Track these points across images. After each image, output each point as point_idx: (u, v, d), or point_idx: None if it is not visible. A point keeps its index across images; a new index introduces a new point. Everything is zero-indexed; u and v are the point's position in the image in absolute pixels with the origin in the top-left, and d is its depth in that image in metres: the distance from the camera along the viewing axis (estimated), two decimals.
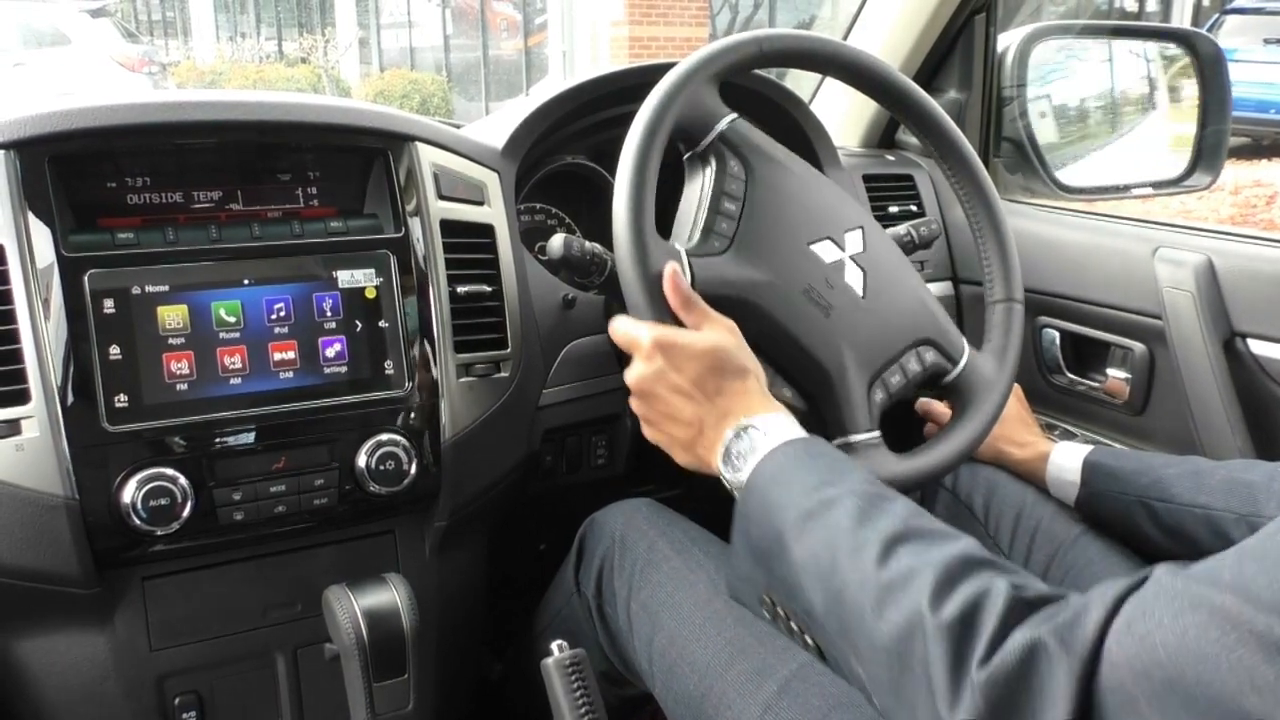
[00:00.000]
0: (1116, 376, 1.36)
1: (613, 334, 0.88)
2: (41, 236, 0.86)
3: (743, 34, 0.97)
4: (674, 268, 0.85)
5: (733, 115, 0.96)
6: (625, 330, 0.86)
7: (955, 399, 1.02)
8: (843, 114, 1.66)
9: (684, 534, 1.00)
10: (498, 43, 12.63)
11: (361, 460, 0.96)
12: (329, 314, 0.96)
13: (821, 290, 0.94)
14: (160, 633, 0.96)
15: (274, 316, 0.94)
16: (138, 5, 18.04)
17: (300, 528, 0.98)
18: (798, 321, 0.92)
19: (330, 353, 0.96)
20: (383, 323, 0.99)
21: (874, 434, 0.93)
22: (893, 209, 1.44)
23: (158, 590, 0.96)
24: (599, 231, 1.19)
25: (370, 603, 0.93)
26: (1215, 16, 10.25)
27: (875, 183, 1.43)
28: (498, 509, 1.14)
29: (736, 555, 0.77)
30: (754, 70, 1.01)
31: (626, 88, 1.19)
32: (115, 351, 0.88)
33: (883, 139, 1.68)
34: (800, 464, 0.75)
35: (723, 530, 0.82)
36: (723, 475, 0.80)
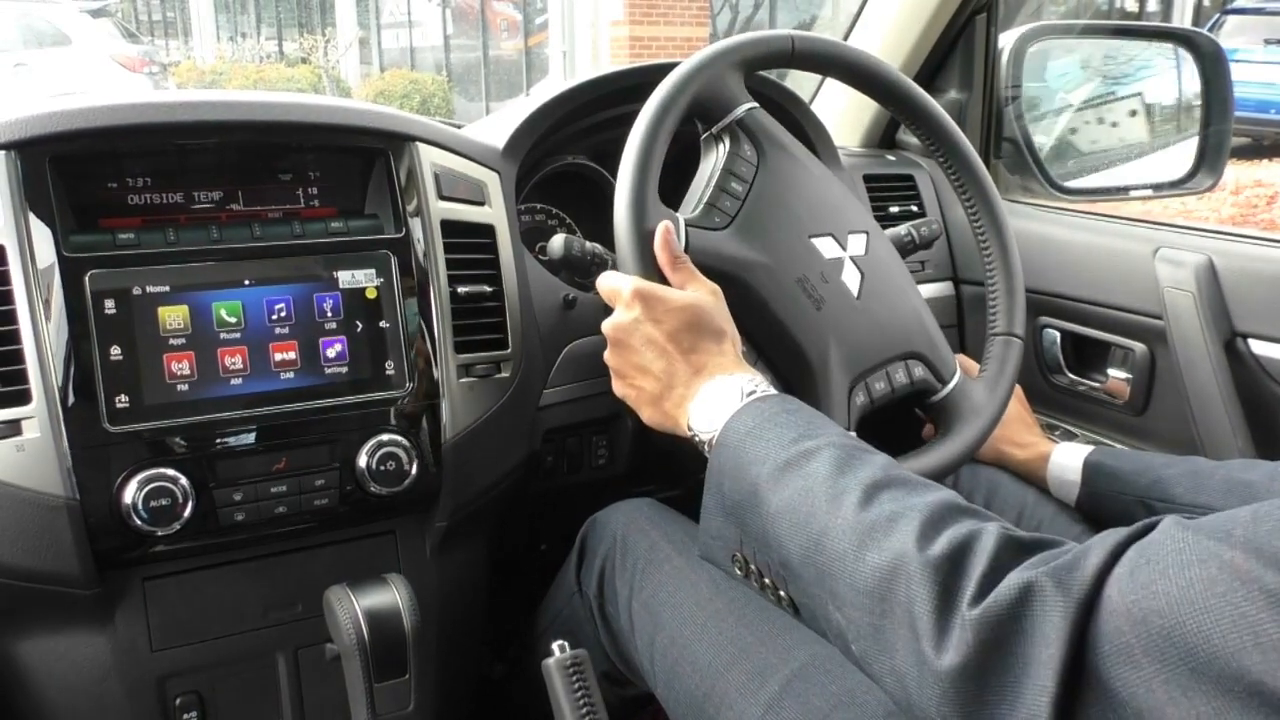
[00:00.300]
0: (1117, 377, 1.36)
1: (599, 285, 0.89)
2: (42, 237, 0.86)
3: (776, 30, 0.97)
4: (666, 225, 0.86)
5: (753, 103, 0.96)
6: (610, 281, 0.87)
7: (940, 420, 1.02)
8: (843, 114, 1.66)
9: (685, 534, 1.00)
10: (498, 43, 12.64)
11: (362, 460, 0.96)
12: (330, 314, 0.96)
13: (816, 283, 0.94)
14: (161, 633, 0.96)
15: (275, 317, 0.94)
16: (138, 5, 18.04)
17: (301, 528, 0.98)
18: (787, 309, 0.93)
19: (331, 353, 0.96)
20: (383, 323, 0.99)
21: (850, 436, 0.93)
22: (893, 209, 1.44)
23: (159, 591, 0.96)
24: (599, 232, 1.19)
25: (371, 603, 0.93)
26: (1216, 16, 10.25)
27: (876, 183, 1.44)
28: (499, 509, 1.14)
29: (708, 512, 0.76)
30: (779, 67, 1.01)
31: (627, 88, 1.19)
32: (116, 352, 0.88)
33: (883, 139, 1.68)
34: (776, 419, 0.74)
35: None
36: (691, 430, 0.80)
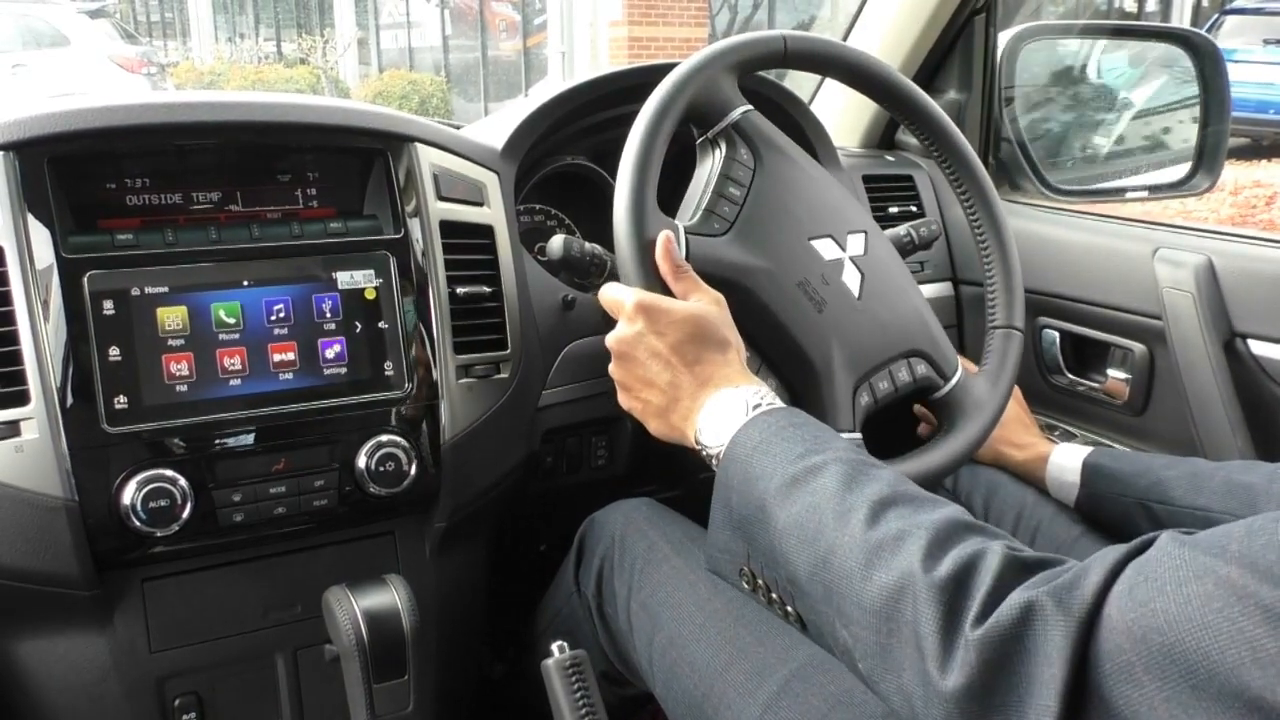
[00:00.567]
0: (1116, 377, 1.36)
1: (600, 297, 0.89)
2: (41, 238, 0.86)
3: (768, 31, 0.97)
4: (667, 235, 0.86)
5: (748, 106, 0.96)
6: (611, 293, 0.87)
7: (943, 416, 1.02)
8: (842, 114, 1.66)
9: (684, 534, 1.00)
10: (497, 43, 12.64)
11: (361, 461, 0.96)
12: (329, 315, 0.96)
13: (817, 285, 0.94)
14: (160, 634, 0.96)
15: (274, 318, 0.94)
16: (136, 6, 18.04)
17: (300, 529, 0.98)
18: (789, 312, 0.93)
19: (330, 354, 0.96)
20: (382, 324, 0.98)
21: (855, 436, 0.93)
22: (893, 209, 1.44)
23: (158, 592, 0.96)
24: (599, 232, 1.19)
25: (370, 604, 0.93)
26: (1215, 16, 10.26)
27: (875, 183, 1.44)
28: (498, 510, 1.14)
29: (715, 526, 0.76)
30: (773, 68, 1.01)
31: (626, 88, 1.19)
32: (115, 353, 0.88)
33: (882, 139, 1.68)
34: (782, 433, 0.74)
35: None
36: (698, 444, 0.79)
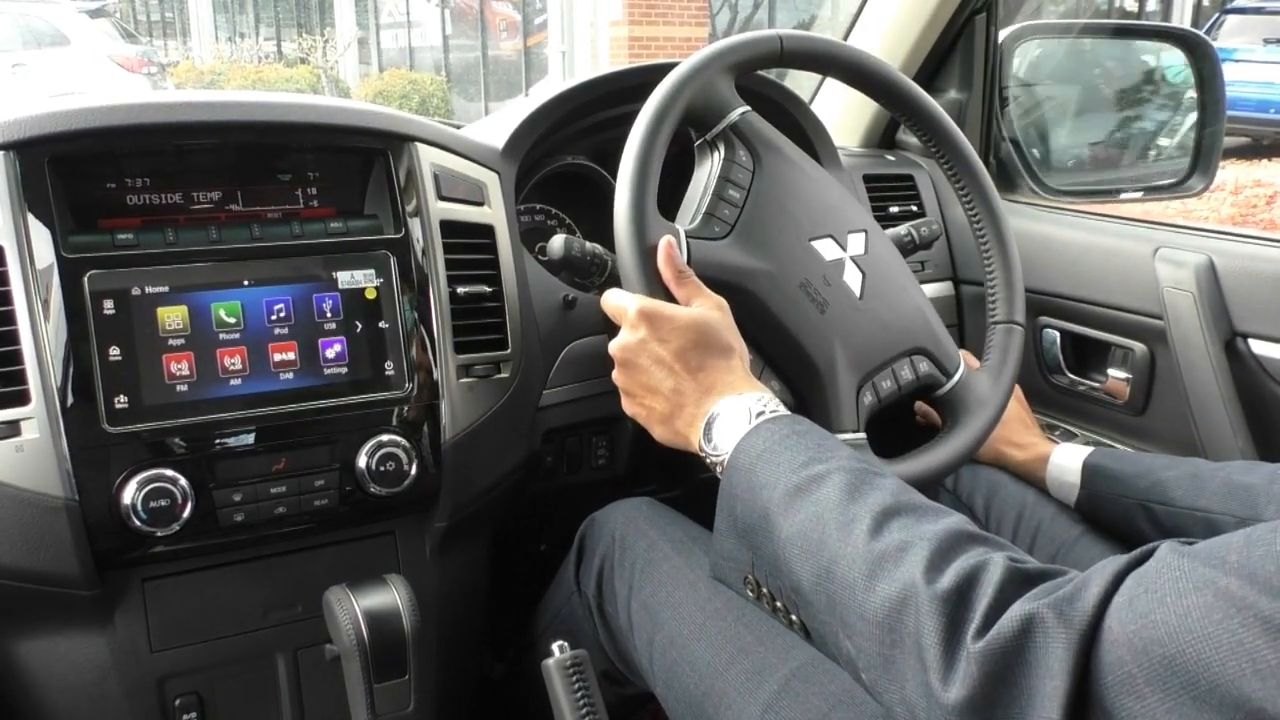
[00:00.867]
0: (1117, 377, 1.36)
1: (603, 304, 0.89)
2: (41, 237, 0.86)
3: (763, 31, 0.97)
4: (669, 241, 0.86)
5: (746, 107, 0.96)
6: (614, 300, 0.87)
7: (947, 412, 1.02)
8: (843, 114, 1.66)
9: (684, 533, 1.00)
10: (497, 43, 12.63)
11: (362, 461, 0.96)
12: (329, 315, 0.96)
13: (818, 286, 0.94)
14: (161, 634, 0.96)
15: (274, 317, 0.94)
16: (137, 5, 18.03)
17: (301, 529, 0.98)
18: (792, 314, 0.93)
19: (330, 353, 0.96)
20: (383, 323, 0.98)
21: (860, 436, 0.93)
22: (893, 209, 1.44)
23: (158, 591, 0.96)
24: (599, 232, 1.19)
25: (371, 604, 0.93)
26: (1215, 16, 10.26)
27: (875, 183, 1.43)
28: (498, 509, 1.14)
29: (720, 534, 0.76)
30: (770, 68, 1.01)
31: (627, 88, 1.19)
32: (115, 352, 0.88)
33: (883, 139, 1.68)
34: (786, 441, 0.74)
35: None
36: (703, 451, 0.79)
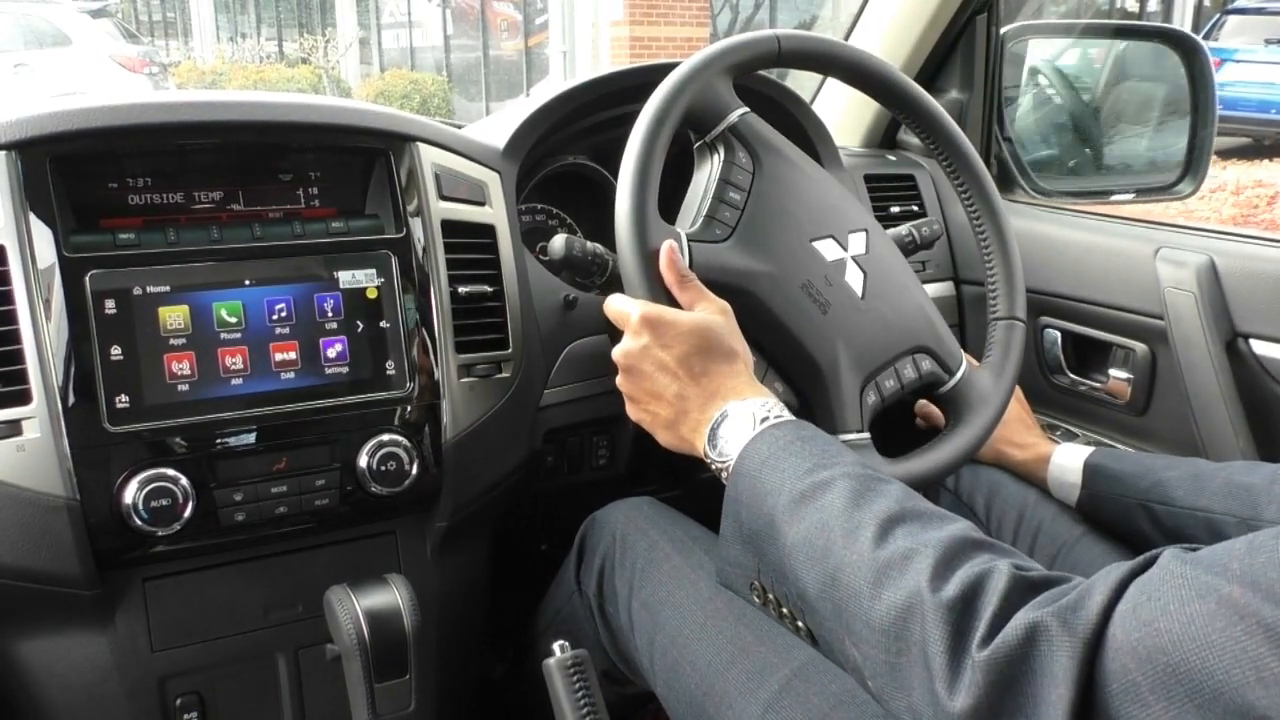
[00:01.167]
0: (1118, 377, 1.35)
1: (606, 309, 0.89)
2: (43, 237, 0.86)
3: (761, 31, 0.97)
4: (671, 245, 0.86)
5: (745, 109, 0.96)
6: (617, 305, 0.87)
7: (950, 410, 1.02)
8: (844, 114, 1.66)
9: (685, 533, 1.00)
10: (498, 43, 12.63)
11: (363, 461, 0.96)
12: (330, 314, 0.96)
13: (820, 287, 0.94)
14: (161, 633, 0.96)
15: (275, 317, 0.94)
16: (138, 5, 18.05)
17: (301, 528, 0.98)
18: (794, 315, 0.93)
19: (331, 353, 0.96)
20: (384, 323, 0.98)
21: (864, 435, 0.93)
22: (894, 209, 1.44)
23: (159, 591, 0.96)
24: (600, 232, 1.19)
25: (371, 603, 0.93)
26: (1216, 17, 10.25)
27: (876, 183, 1.44)
28: (499, 509, 1.14)
29: (725, 540, 0.76)
30: (767, 68, 1.01)
31: (628, 88, 1.19)
32: (116, 352, 0.88)
33: (884, 139, 1.68)
34: (791, 447, 0.74)
35: None
36: (708, 457, 0.79)
